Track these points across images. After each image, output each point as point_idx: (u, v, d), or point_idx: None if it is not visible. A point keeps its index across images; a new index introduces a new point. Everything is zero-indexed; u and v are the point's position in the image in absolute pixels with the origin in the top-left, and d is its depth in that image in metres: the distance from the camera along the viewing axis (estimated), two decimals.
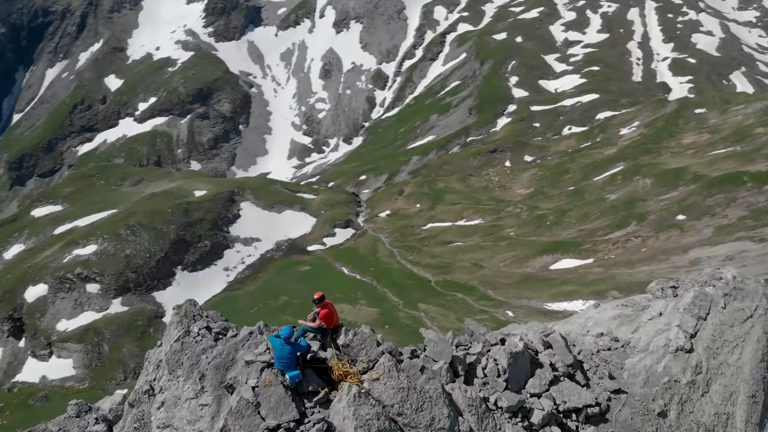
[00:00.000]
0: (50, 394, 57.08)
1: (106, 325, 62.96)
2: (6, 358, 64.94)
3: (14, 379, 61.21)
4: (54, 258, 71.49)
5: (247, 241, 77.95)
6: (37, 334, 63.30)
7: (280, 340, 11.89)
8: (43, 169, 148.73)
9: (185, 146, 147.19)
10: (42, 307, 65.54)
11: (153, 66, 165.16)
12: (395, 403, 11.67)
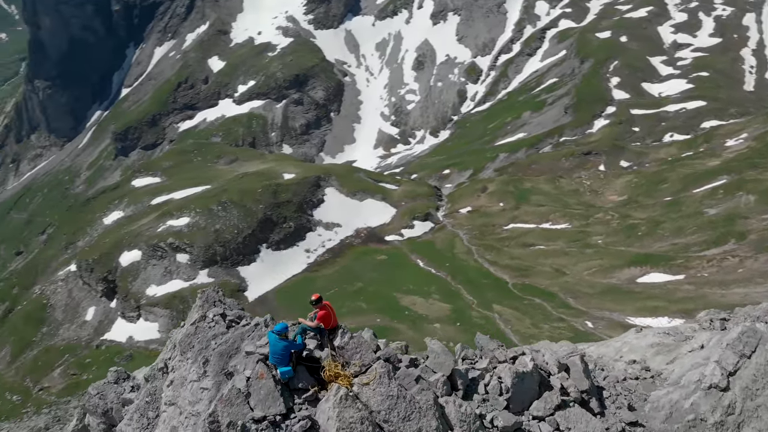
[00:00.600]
0: (135, 354, 60.77)
1: (192, 294, 66.05)
2: (97, 317, 69.86)
3: (103, 337, 65.75)
4: (149, 227, 75.89)
5: (328, 225, 79.42)
6: (128, 296, 67.53)
7: (276, 335, 12.07)
8: (146, 142, 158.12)
9: (279, 130, 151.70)
10: (134, 271, 69.82)
11: (254, 50, 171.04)
12: (382, 410, 11.67)
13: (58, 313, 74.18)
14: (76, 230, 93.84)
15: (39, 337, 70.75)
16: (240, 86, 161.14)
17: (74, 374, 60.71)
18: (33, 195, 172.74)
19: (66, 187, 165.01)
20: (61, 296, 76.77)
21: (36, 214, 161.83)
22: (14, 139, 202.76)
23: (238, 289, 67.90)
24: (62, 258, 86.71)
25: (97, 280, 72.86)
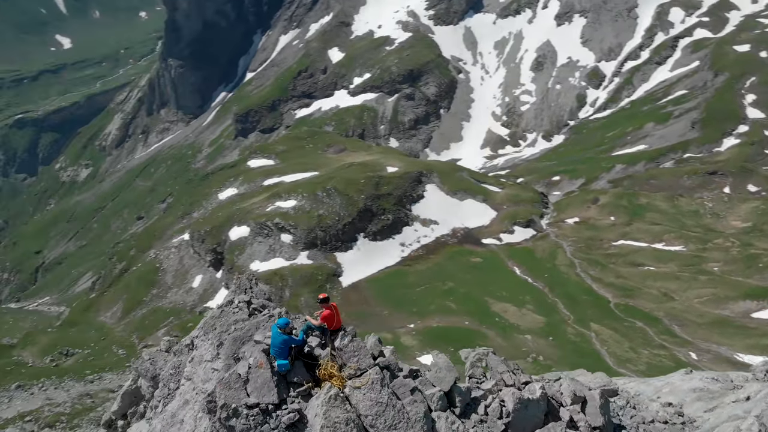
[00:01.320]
0: None
1: (291, 273, 68.52)
2: (203, 285, 74.17)
3: (206, 304, 69.71)
4: (259, 206, 79.42)
5: (426, 222, 79.26)
6: (233, 269, 71.10)
7: (278, 329, 12.46)
8: (264, 125, 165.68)
9: (388, 123, 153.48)
10: (241, 246, 73.39)
11: (373, 43, 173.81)
12: (370, 415, 11.91)
13: (168, 278, 79.58)
14: (192, 202, 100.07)
15: (149, 298, 76.28)
16: (356, 78, 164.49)
17: (176, 336, 64.77)
18: (158, 165, 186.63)
19: (188, 161, 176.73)
20: (173, 262, 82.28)
21: (159, 184, 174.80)
22: (146, 112, 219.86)
23: (333, 273, 69.51)
24: (177, 227, 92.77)
25: (206, 250, 77.28)
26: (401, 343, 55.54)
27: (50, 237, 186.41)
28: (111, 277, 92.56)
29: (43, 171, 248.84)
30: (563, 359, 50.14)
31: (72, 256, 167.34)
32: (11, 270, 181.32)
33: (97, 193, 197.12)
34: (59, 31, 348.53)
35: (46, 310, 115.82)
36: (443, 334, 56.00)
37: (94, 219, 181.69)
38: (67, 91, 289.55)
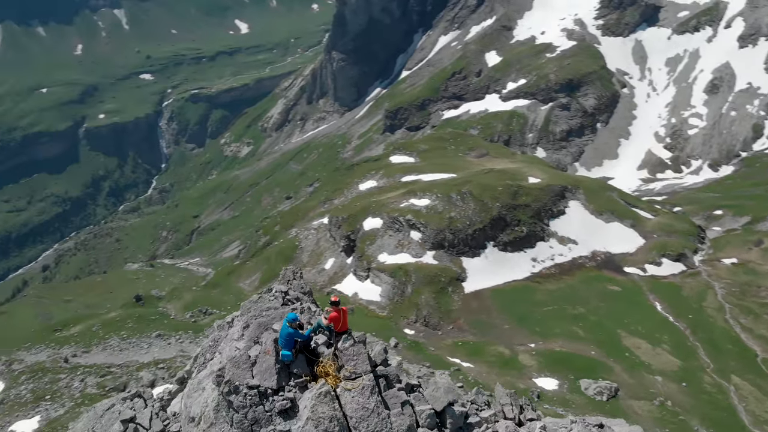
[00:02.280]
0: (356, 309, 65.64)
1: (416, 270, 68.96)
2: (334, 268, 77.04)
3: (334, 286, 72.32)
4: (394, 200, 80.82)
5: (563, 239, 75.75)
6: (362, 257, 73.07)
7: (286, 323, 13.40)
8: (411, 123, 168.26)
9: (537, 132, 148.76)
10: (373, 237, 75.17)
11: (533, 49, 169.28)
12: (354, 417, 12.56)
13: (304, 256, 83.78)
14: (335, 189, 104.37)
15: None
16: (510, 83, 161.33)
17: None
18: (310, 151, 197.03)
19: (337, 150, 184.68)
20: (310, 242, 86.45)
21: (309, 168, 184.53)
22: (306, 101, 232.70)
23: (457, 277, 68.86)
24: (319, 210, 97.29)
25: (341, 236, 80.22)
26: (518, 361, 53.74)
27: (208, 204, 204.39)
28: (255, 248, 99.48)
29: (210, 144, 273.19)
30: (694, 409, 45.57)
31: (224, 224, 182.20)
32: (170, 229, 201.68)
33: (254, 170, 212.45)
34: (239, 16, 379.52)
35: (195, 269, 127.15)
36: (565, 359, 53.29)
37: (248, 193, 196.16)
38: (240, 72, 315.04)
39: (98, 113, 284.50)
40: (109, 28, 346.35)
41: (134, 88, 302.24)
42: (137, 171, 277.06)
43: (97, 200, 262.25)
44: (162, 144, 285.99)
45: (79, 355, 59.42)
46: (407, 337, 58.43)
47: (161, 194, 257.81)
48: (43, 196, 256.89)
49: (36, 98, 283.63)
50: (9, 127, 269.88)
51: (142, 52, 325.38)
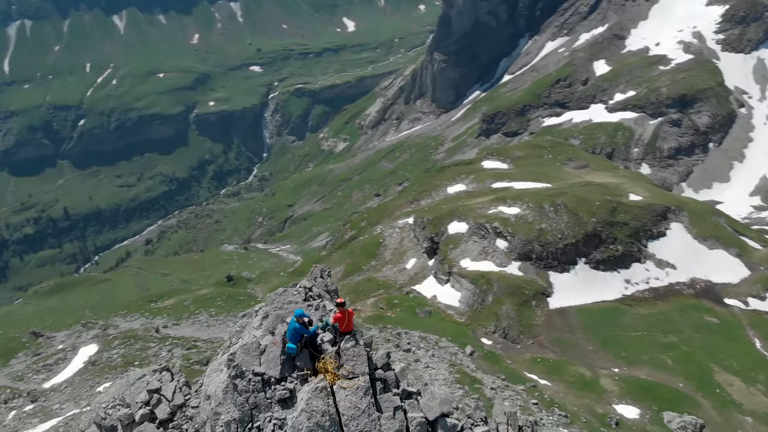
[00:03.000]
0: (433, 311, 65.22)
1: (499, 280, 67.45)
2: (415, 268, 76.90)
3: (413, 286, 72.16)
4: (482, 206, 79.48)
5: (660, 263, 71.39)
6: (444, 261, 72.41)
7: (294, 318, 14.07)
8: (509, 129, 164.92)
9: (643, 147, 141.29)
10: (456, 241, 74.31)
11: (645, 60, 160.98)
12: (346, 415, 13.20)
13: (387, 254, 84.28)
14: (423, 190, 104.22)
15: (367, 267, 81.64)
16: (617, 94, 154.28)
17: (381, 308, 68.37)
18: (403, 151, 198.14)
19: (430, 151, 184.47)
20: (394, 240, 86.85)
21: (400, 168, 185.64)
22: (403, 100, 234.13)
23: (542, 292, 66.67)
24: (405, 210, 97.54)
25: (425, 237, 79.97)
26: (599, 385, 51.29)
27: (302, 195, 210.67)
28: (341, 241, 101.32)
29: (310, 137, 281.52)
30: None
31: (315, 216, 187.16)
32: (266, 216, 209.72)
33: (348, 166, 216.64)
34: (347, 14, 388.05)
35: (285, 256, 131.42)
36: (649, 388, 50.25)
37: (340, 188, 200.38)
38: (343, 70, 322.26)
39: (208, 100, 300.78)
40: (225, 19, 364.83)
41: (243, 79, 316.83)
42: (240, 158, 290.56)
43: (201, 182, 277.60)
44: (265, 134, 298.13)
45: (169, 326, 63.00)
46: (484, 347, 57.29)
47: (261, 182, 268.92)
48: (152, 174, 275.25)
49: (153, 82, 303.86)
50: (127, 108, 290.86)
51: (253, 45, 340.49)
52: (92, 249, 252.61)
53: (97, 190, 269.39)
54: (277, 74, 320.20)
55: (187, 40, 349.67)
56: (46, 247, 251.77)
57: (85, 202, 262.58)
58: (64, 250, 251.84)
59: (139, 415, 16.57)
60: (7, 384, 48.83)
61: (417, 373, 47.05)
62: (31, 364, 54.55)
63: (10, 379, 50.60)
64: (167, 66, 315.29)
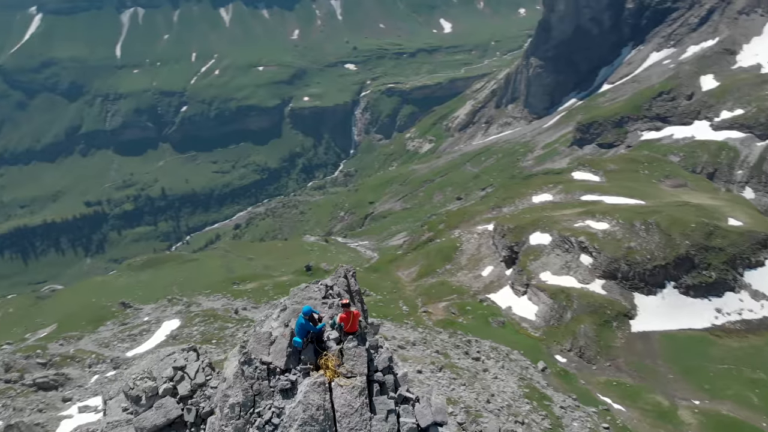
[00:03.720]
0: (507, 323, 63.97)
1: (580, 296, 65.18)
2: (491, 277, 75.65)
3: (488, 294, 71.00)
4: (568, 219, 77.02)
5: (757, 294, 66.36)
6: (523, 272, 70.80)
7: (302, 314, 14.73)
8: (604, 140, 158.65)
9: (749, 170, 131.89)
10: (537, 253, 72.45)
11: (757, 78, 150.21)
12: (339, 411, 13.69)
13: (463, 258, 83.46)
14: (507, 197, 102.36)
15: (441, 270, 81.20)
16: (724, 112, 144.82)
17: (453, 313, 67.83)
18: (489, 155, 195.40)
19: (517, 158, 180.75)
20: (472, 246, 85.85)
21: (484, 172, 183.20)
22: (494, 104, 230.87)
23: (625, 313, 63.78)
24: (486, 216, 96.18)
25: (504, 246, 78.54)
26: (677, 416, 48.53)
27: (384, 193, 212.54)
28: (418, 241, 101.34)
29: (396, 137, 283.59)
30: None
31: (395, 214, 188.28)
32: (348, 211, 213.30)
33: (431, 167, 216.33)
34: (444, 15, 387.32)
35: (362, 251, 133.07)
36: (732, 425, 46.98)
37: (422, 188, 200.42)
38: (435, 71, 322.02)
39: (303, 95, 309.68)
40: (324, 17, 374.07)
41: (338, 76, 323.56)
42: (329, 153, 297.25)
43: (290, 174, 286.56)
44: (354, 131, 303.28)
45: (248, 309, 65.42)
46: (558, 364, 55.60)
47: (346, 177, 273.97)
48: (245, 163, 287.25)
49: (253, 75, 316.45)
50: (227, 98, 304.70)
51: (350, 43, 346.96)
52: (185, 229, 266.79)
53: (193, 173, 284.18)
54: (370, 73, 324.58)
55: (288, 35, 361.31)
56: (143, 224, 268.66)
57: (181, 184, 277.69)
58: (158, 228, 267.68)
59: (163, 389, 17.67)
60: (94, 349, 52.45)
61: (484, 383, 46.35)
62: (118, 332, 58.32)
63: (97, 345, 54.33)
64: (267, 59, 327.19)
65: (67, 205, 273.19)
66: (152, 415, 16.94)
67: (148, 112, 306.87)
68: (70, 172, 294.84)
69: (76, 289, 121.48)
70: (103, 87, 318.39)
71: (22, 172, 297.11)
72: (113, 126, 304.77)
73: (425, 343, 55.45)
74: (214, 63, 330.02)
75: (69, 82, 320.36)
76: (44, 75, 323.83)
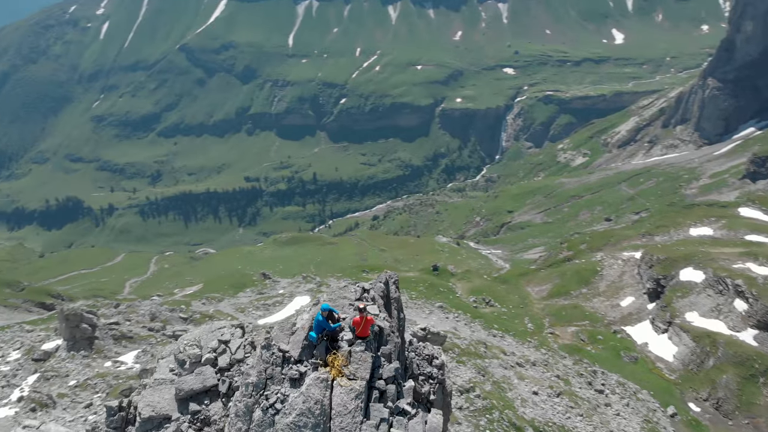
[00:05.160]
0: (640, 359, 59.42)
1: (727, 344, 58.55)
2: (630, 308, 70.48)
3: (623, 327, 66.30)
4: (727, 258, 69.57)
5: None
6: (667, 308, 65.09)
7: (320, 311, 15.50)
8: None
9: None
10: (686, 290, 66.23)
11: None
12: (335, 410, 14.22)
13: (601, 284, 78.62)
14: (661, 225, 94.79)
15: (576, 293, 77.13)
16: None
17: (582, 340, 64.27)
18: (648, 178, 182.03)
19: (680, 184, 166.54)
20: (614, 272, 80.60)
21: (641, 195, 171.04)
22: (661, 124, 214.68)
23: None
24: (634, 242, 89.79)
25: (649, 277, 72.80)
26: None
27: (525, 203, 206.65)
28: (554, 259, 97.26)
29: (547, 146, 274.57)
30: None
31: (534, 227, 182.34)
32: (484, 216, 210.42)
33: (581, 182, 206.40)
34: (618, 25, 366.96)
35: (493, 260, 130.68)
36: None
37: (568, 203, 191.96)
38: (600, 82, 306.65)
39: (456, 97, 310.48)
40: (489, 19, 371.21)
41: (494, 80, 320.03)
42: (473, 156, 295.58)
43: (432, 173, 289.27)
44: (502, 137, 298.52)
45: None
46: (690, 412, 50.62)
47: (487, 182, 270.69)
48: (391, 158, 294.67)
49: (410, 73, 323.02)
50: (382, 94, 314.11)
51: (512, 47, 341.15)
52: (328, 213, 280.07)
53: (343, 163, 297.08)
54: (529, 78, 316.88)
55: (450, 36, 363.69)
56: (293, 204, 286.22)
57: (331, 171, 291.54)
58: (306, 209, 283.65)
59: (205, 358, 18.96)
60: (231, 312, 56.60)
61: (604, 418, 43.46)
62: (254, 300, 62.43)
63: (234, 309, 58.57)
64: (426, 59, 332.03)
65: (229, 178, 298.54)
66: (191, 380, 18.23)
67: (310, 100, 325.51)
68: (235, 148, 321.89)
69: (225, 255, 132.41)
70: (274, 73, 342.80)
71: (194, 143, 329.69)
72: (278, 110, 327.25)
73: (546, 366, 53.16)
74: (376, 59, 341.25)
75: (244, 66, 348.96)
76: (223, 56, 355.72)
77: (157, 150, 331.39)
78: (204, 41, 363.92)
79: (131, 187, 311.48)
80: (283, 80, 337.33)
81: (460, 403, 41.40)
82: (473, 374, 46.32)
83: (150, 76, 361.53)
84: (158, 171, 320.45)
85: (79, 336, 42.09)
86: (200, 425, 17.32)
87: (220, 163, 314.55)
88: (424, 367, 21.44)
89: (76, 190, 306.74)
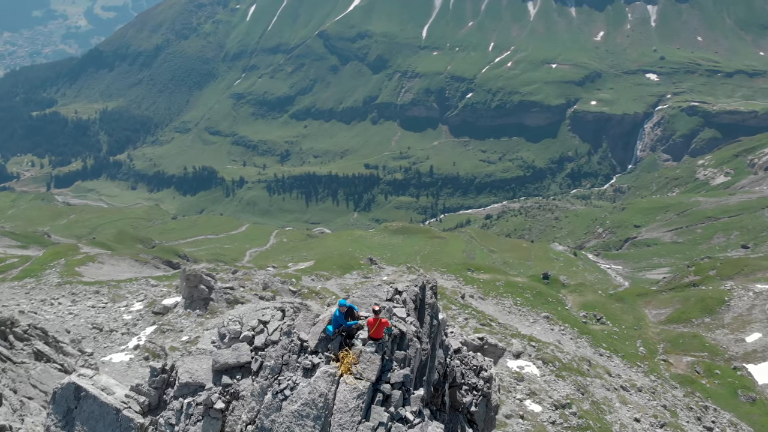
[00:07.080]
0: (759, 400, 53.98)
1: None
2: (756, 345, 63.77)
3: (745, 364, 60.28)
4: None
5: None
6: None
7: (338, 306, 15.86)
8: None
9: None
10: None
11: None
12: (336, 405, 14.54)
13: (727, 315, 71.78)
14: None
15: (697, 322, 71.10)
16: None
17: (697, 372, 59.26)
18: None
19: None
20: (743, 304, 73.35)
21: None
22: None
23: None
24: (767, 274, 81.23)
25: None
26: None
27: (654, 219, 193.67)
28: (678, 282, 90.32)
29: (686, 160, 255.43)
30: None
31: (661, 246, 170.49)
32: (607, 228, 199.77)
33: (720, 203, 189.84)
34: None
35: (612, 275, 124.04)
36: None
37: (702, 224, 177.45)
38: (753, 97, 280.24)
39: (591, 99, 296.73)
40: (636, 21, 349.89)
41: (634, 85, 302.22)
42: (603, 163, 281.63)
43: (555, 177, 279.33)
44: (638, 145, 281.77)
45: (474, 298, 65.97)
46: None
47: (615, 192, 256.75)
48: (513, 157, 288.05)
49: (543, 71, 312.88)
50: (511, 90, 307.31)
51: (657, 52, 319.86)
52: (441, 207, 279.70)
53: (462, 158, 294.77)
54: (673, 86, 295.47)
55: (591, 36, 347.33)
56: (407, 194, 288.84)
57: (449, 165, 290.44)
58: (419, 201, 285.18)
59: (243, 335, 19.64)
60: (336, 291, 58.09)
61: None
62: (359, 282, 63.66)
63: (339, 289, 60.09)
64: (562, 58, 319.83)
65: (350, 164, 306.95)
66: (227, 354, 18.95)
67: (436, 93, 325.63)
68: (359, 136, 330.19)
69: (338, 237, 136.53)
70: (404, 64, 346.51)
71: (322, 128, 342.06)
72: (403, 101, 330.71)
73: (653, 394, 49.68)
74: (509, 54, 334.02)
75: (376, 55, 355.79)
76: (358, 45, 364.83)
77: (289, 131, 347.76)
78: (341, 29, 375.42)
79: (262, 163, 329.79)
80: (412, 72, 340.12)
81: (554, 418, 39.81)
82: (572, 390, 44.27)
83: (288, 60, 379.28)
84: (287, 150, 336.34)
85: (196, 296, 45.20)
86: (229, 398, 18.07)
87: (344, 149, 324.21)
88: (469, 376, 21.20)
89: (212, 160, 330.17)
